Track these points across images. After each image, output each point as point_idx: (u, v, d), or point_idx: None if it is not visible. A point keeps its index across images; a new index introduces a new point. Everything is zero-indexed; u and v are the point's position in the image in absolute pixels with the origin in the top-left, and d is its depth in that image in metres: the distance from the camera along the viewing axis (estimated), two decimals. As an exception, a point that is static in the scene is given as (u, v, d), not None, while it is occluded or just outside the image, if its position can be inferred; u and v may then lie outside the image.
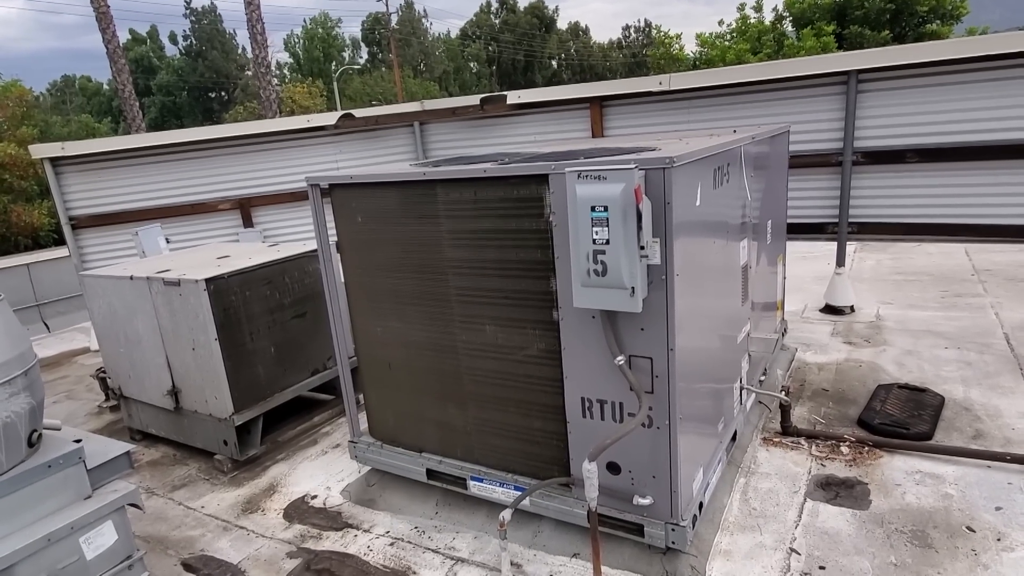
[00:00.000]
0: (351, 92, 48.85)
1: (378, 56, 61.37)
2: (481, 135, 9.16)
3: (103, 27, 20.77)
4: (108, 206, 8.89)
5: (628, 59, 70.38)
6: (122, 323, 5.78)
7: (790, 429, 5.02)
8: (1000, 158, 6.50)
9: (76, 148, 8.67)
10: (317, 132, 9.25)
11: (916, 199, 7.00)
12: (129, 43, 51.07)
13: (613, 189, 2.97)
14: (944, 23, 22.54)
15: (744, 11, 24.92)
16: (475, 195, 3.72)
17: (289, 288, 5.81)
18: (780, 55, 22.74)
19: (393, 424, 4.66)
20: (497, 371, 3.99)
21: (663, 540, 3.58)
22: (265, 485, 5.23)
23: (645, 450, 3.53)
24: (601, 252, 3.07)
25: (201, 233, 9.17)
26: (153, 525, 4.80)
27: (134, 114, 22.01)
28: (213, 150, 9.09)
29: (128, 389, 6.07)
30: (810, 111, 7.27)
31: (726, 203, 4.11)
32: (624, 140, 5.57)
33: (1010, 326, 6.77)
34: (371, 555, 4.18)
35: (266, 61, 23.30)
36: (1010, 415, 5.03)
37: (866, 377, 5.93)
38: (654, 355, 3.35)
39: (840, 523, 4.00)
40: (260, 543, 4.45)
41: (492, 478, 4.17)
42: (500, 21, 66.58)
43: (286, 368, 5.82)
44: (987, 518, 3.89)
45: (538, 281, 3.65)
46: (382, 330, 4.42)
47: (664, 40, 27.25)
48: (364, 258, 4.35)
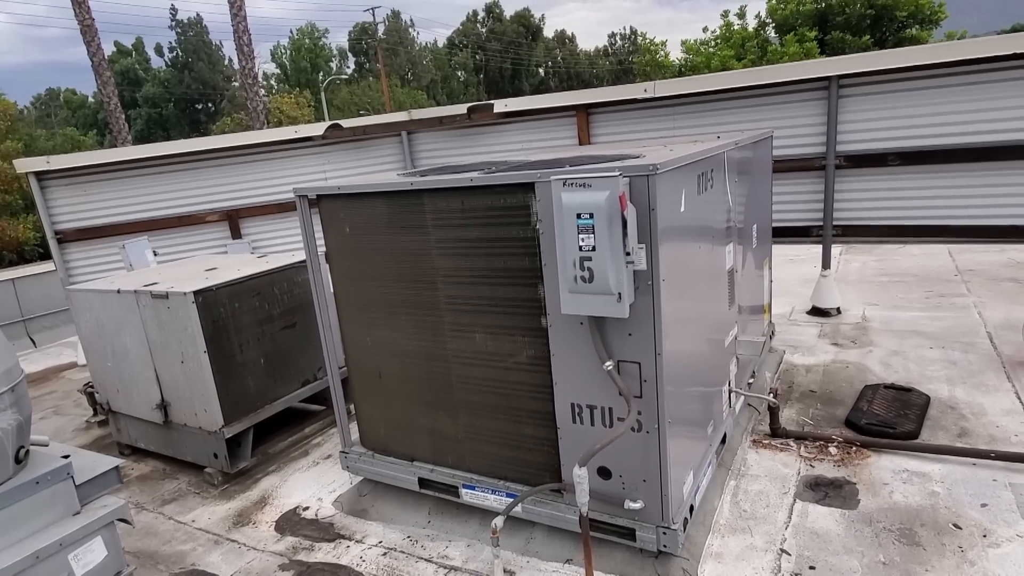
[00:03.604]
0: (339, 102, 48.87)
1: (365, 66, 61.45)
2: (469, 144, 9.20)
3: (88, 40, 20.69)
4: (94, 220, 8.85)
5: (615, 66, 70.92)
6: (109, 337, 5.75)
7: (779, 431, 5.07)
8: (979, 160, 6.61)
9: (61, 162, 8.63)
10: (305, 143, 9.25)
11: (898, 201, 7.11)
12: (115, 55, 50.87)
13: (598, 196, 3.01)
14: (923, 28, 22.90)
15: (728, 18, 25.23)
16: (462, 204, 3.75)
17: (278, 299, 5.80)
18: (764, 61, 23.01)
19: (384, 433, 4.66)
20: (487, 378, 4.00)
21: (655, 544, 3.60)
22: (256, 497, 5.21)
23: (635, 454, 3.56)
24: (588, 259, 3.10)
25: (189, 245, 9.13)
26: (143, 540, 4.77)
27: (120, 126, 21.89)
28: (200, 162, 9.06)
29: (116, 403, 6.03)
30: (793, 116, 7.37)
31: (710, 208, 4.16)
32: (610, 148, 5.61)
33: (993, 325, 6.86)
34: (364, 566, 4.17)
35: (253, 72, 23.27)
36: (994, 413, 5.10)
37: (853, 378, 6.00)
38: (642, 360, 3.38)
39: (829, 523, 4.03)
40: (252, 556, 4.43)
41: (484, 485, 4.18)
42: (487, 30, 66.89)
43: (276, 379, 5.81)
44: (973, 515, 3.95)
45: (526, 288, 3.68)
46: (372, 340, 4.43)
47: (650, 48, 27.49)
48: (353, 268, 4.36)
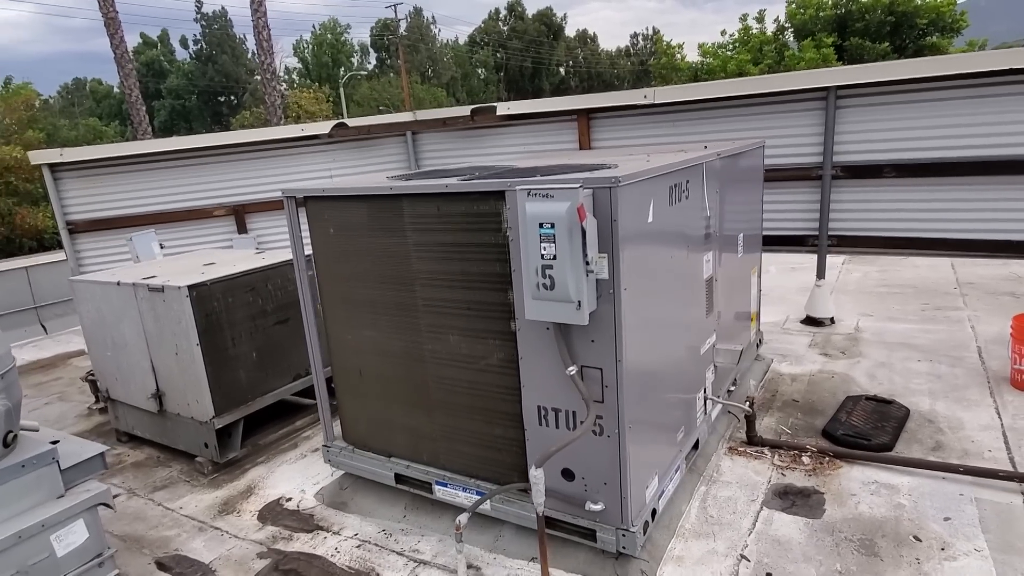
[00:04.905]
0: (359, 97, 49.19)
1: (386, 62, 61.79)
2: (471, 145, 9.31)
3: (111, 32, 21.14)
4: (105, 211, 9.09)
5: (636, 67, 70.56)
6: (109, 327, 5.94)
7: (755, 439, 5.12)
8: (976, 174, 6.60)
9: (74, 154, 8.88)
10: (311, 141, 9.41)
11: (894, 213, 7.10)
12: (140, 47, 51.71)
13: (559, 207, 3.10)
14: (944, 36, 22.59)
15: (746, 21, 25.07)
16: (438, 209, 3.86)
17: (272, 295, 5.96)
18: (781, 66, 22.84)
19: (364, 429, 4.80)
20: (461, 379, 4.12)
21: (614, 545, 3.70)
22: (243, 487, 5.37)
23: (597, 457, 3.65)
24: (549, 267, 3.20)
25: (196, 239, 9.34)
26: (131, 525, 4.95)
27: (140, 118, 22.31)
28: (209, 157, 9.26)
29: (115, 392, 6.23)
30: (791, 125, 7.39)
31: (685, 218, 4.23)
32: (594, 156, 5.70)
33: (984, 340, 6.84)
34: (338, 556, 4.31)
35: (271, 67, 23.54)
36: (972, 427, 5.12)
37: (837, 388, 6.03)
38: (603, 366, 3.47)
39: (792, 531, 4.10)
40: (233, 543, 4.59)
41: (456, 483, 4.29)
42: (508, 28, 66.94)
43: (268, 373, 5.97)
44: (935, 528, 3.99)
45: (497, 293, 3.78)
46: (354, 338, 4.57)
47: (667, 50, 27.39)
48: (336, 268, 4.50)
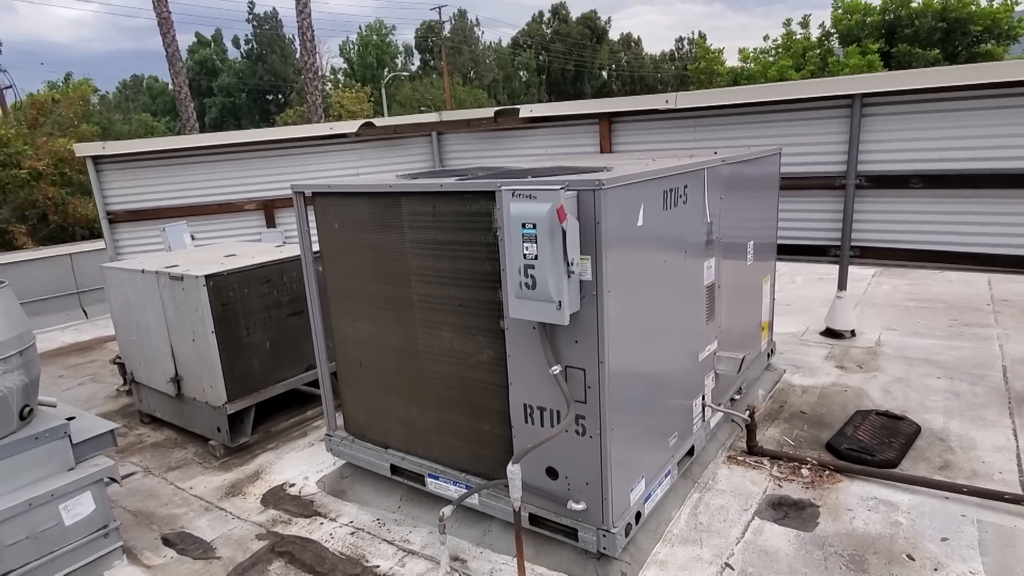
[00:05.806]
0: (401, 98, 49.93)
1: (430, 63, 62.58)
2: (495, 147, 9.41)
3: (164, 31, 22.00)
4: (143, 203, 9.47)
5: (680, 71, 69.81)
6: (135, 313, 6.22)
7: (755, 449, 5.07)
8: (1006, 187, 6.38)
9: (115, 148, 9.28)
10: (340, 139, 9.65)
11: (920, 225, 6.91)
12: (194, 45, 53.56)
13: (540, 208, 3.15)
14: (999, 43, 21.73)
15: (790, 27, 24.59)
16: (434, 208, 3.95)
17: (287, 287, 6.15)
18: (825, 72, 22.33)
19: (364, 421, 4.92)
20: (453, 375, 4.20)
21: (595, 545, 3.72)
22: (251, 471, 5.56)
23: (580, 457, 3.68)
24: (531, 267, 3.26)
25: (227, 231, 9.66)
26: (144, 502, 5.18)
27: (188, 115, 23.15)
28: (242, 153, 9.58)
29: (139, 375, 6.51)
30: (814, 132, 7.26)
31: (682, 223, 4.23)
32: (601, 159, 5.75)
33: (1011, 359, 6.61)
34: (331, 542, 4.44)
35: (315, 66, 24.13)
36: (984, 448, 4.97)
37: (848, 402, 5.91)
38: (586, 367, 3.51)
39: (781, 542, 4.05)
40: (235, 524, 4.77)
41: (447, 476, 4.38)
42: (551, 31, 67.03)
43: (281, 362, 6.16)
44: (930, 548, 3.90)
45: (488, 291, 3.86)
46: (355, 330, 4.69)
47: (707, 55, 27.06)
48: (340, 262, 4.64)
